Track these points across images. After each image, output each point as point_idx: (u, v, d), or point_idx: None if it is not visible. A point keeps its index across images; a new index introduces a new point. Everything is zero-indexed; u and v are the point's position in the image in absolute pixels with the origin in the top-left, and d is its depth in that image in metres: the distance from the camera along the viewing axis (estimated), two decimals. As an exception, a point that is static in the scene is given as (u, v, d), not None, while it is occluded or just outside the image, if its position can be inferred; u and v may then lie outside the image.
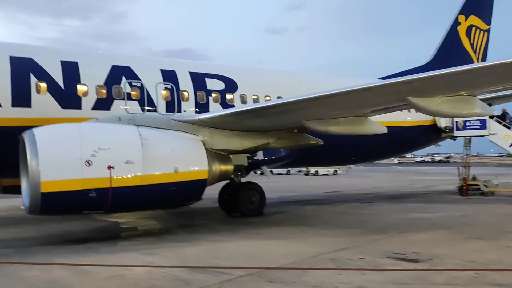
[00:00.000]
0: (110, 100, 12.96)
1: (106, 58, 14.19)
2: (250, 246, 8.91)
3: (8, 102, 11.65)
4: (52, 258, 7.95)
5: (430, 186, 26.67)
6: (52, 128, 9.58)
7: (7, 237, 10.70)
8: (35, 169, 8.66)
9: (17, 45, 13.53)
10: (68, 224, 12.43)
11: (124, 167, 9.33)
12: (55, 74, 12.39)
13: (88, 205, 9.25)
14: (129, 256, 8.12)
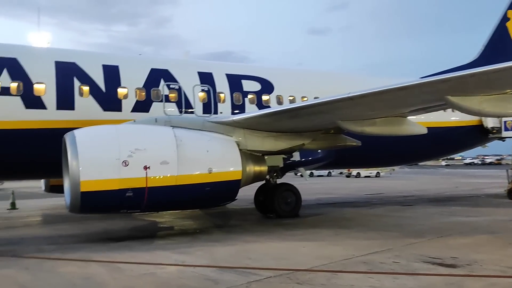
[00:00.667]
0: (149, 102, 13.31)
1: (145, 61, 14.58)
2: (283, 247, 8.87)
3: (53, 105, 12.20)
4: (90, 255, 8.23)
5: (477, 189, 25.57)
6: (91, 130, 9.96)
7: (52, 234, 11.20)
8: (75, 169, 9.02)
9: (61, 50, 14.16)
10: (110, 223, 12.85)
11: (160, 167, 9.55)
12: (97, 78, 12.86)
13: (125, 204, 9.52)
14: (163, 254, 8.29)
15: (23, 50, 13.06)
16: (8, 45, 13.19)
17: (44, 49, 13.83)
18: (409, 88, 9.13)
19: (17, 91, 11.83)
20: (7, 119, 11.66)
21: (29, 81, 12.04)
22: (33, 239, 10.42)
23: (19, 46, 13.48)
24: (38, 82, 12.13)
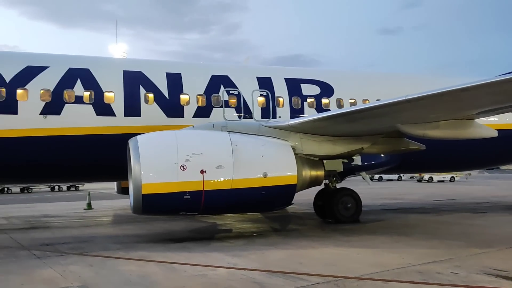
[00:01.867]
0: (209, 108, 13.73)
1: (207, 68, 15.03)
2: (336, 253, 8.74)
3: (121, 112, 12.98)
4: (149, 255, 8.65)
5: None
6: (152, 135, 10.47)
7: (119, 234, 11.90)
8: (137, 172, 9.54)
9: (129, 60, 15.08)
10: (173, 224, 13.41)
11: (216, 171, 9.82)
12: (161, 85, 13.50)
13: (184, 207, 9.88)
14: (217, 256, 8.50)
15: (94, 61, 14.03)
16: (82, 56, 14.27)
17: (114, 59, 14.80)
18: (472, 89, 8.60)
19: (89, 99, 12.73)
20: (80, 126, 12.58)
21: (100, 90, 12.93)
22: (101, 238, 11.14)
23: (91, 57, 14.50)
24: (108, 91, 12.98)
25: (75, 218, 16.14)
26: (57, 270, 7.47)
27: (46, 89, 12.44)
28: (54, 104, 12.41)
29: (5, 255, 8.87)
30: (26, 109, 12.22)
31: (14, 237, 11.28)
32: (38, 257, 8.66)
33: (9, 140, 11.98)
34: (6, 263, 8.11)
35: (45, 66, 12.80)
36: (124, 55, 60.39)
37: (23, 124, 12.14)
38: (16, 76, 12.38)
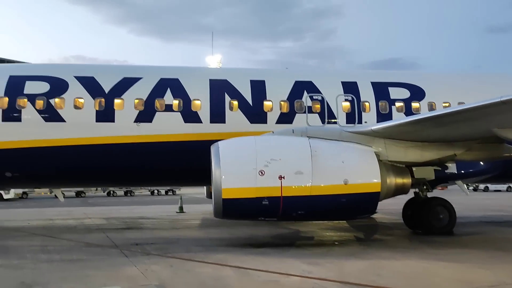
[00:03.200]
0: (292, 114, 13.69)
1: (290, 74, 15.04)
2: (420, 266, 8.12)
3: (207, 119, 13.48)
4: (227, 259, 8.79)
5: None
6: (233, 141, 10.68)
7: (203, 237, 12.32)
8: (217, 177, 9.79)
9: (215, 69, 15.59)
10: (256, 229, 13.52)
11: (294, 177, 9.71)
12: (245, 93, 13.77)
13: (262, 212, 9.91)
14: (293, 263, 8.38)
15: (184, 71, 14.76)
16: (172, 67, 15.09)
17: (201, 69, 15.43)
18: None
19: (178, 107, 13.40)
20: (170, 133, 13.29)
21: (188, 98, 13.54)
22: (186, 240, 11.59)
23: (181, 67, 15.27)
24: (195, 99, 13.56)
25: (167, 220, 17.03)
26: (140, 268, 7.90)
27: (140, 98, 13.33)
28: (146, 113, 13.25)
29: (98, 253, 9.63)
30: (122, 117, 13.22)
31: (109, 236, 12.19)
32: (126, 255, 9.25)
33: (107, 146, 13.03)
34: (97, 260, 8.78)
35: (139, 77, 13.75)
36: (219, 65, 62.98)
37: (120, 131, 13.13)
38: (114, 87, 13.44)
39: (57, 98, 13.10)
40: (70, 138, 13.01)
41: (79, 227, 14.86)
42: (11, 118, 12.92)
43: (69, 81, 13.40)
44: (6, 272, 7.75)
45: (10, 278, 7.21)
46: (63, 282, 6.93)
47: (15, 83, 13.27)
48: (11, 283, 6.88)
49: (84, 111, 13.13)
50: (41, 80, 13.43)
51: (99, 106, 13.15)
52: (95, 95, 13.25)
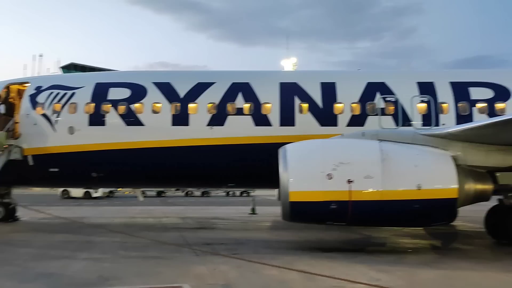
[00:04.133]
0: (364, 116, 13.38)
1: (362, 76, 14.72)
2: (503, 280, 7.53)
3: (277, 122, 13.59)
4: (294, 262, 8.76)
5: None
6: (301, 144, 10.65)
7: (272, 239, 12.40)
8: (285, 180, 9.83)
9: (286, 72, 15.76)
10: (326, 233, 13.34)
11: (363, 181, 9.46)
12: (315, 95, 13.69)
13: (330, 216, 9.77)
14: (361, 270, 8.17)
15: (254, 75, 15.01)
16: (244, 71, 15.42)
17: (272, 73, 15.55)
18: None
19: (249, 111, 13.66)
20: (240, 136, 13.58)
21: (258, 102, 13.75)
22: (255, 242, 11.75)
23: (252, 72, 15.54)
24: (265, 102, 13.73)
25: (238, 221, 17.38)
26: (209, 268, 8.16)
27: (213, 102, 13.77)
28: (218, 116, 13.67)
29: (172, 250, 10.07)
30: (196, 121, 13.74)
31: (183, 235, 12.70)
32: (197, 254, 9.60)
33: (182, 149, 13.61)
34: (170, 258, 9.20)
35: (212, 82, 14.22)
36: (294, 67, 63.09)
37: (194, 134, 13.67)
38: (189, 92, 14.03)
39: (137, 103, 13.94)
40: (149, 141, 13.78)
41: (157, 225, 15.64)
42: (97, 122, 13.98)
43: (148, 87, 14.20)
44: (89, 265, 8.38)
45: (91, 271, 7.80)
46: (137, 277, 7.37)
47: (100, 90, 14.34)
48: (92, 276, 7.44)
49: (161, 115, 13.84)
50: (123, 87, 14.38)
51: (175, 110, 13.79)
52: (171, 100, 13.91)
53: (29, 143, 14.19)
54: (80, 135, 13.96)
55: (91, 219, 17.19)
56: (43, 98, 14.36)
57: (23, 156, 14.17)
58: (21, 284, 6.95)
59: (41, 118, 14.17)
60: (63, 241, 11.35)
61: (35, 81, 15.36)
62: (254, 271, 7.98)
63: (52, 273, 7.71)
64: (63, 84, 14.84)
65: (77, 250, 10.02)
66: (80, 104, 14.11)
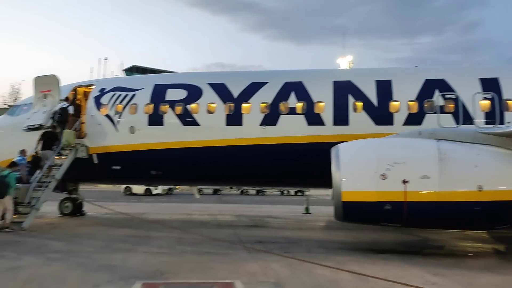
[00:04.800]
0: (421, 114, 12.98)
1: (420, 72, 14.24)
2: None
3: (330, 121, 13.48)
4: (346, 263, 8.67)
5: None
6: (354, 143, 10.49)
7: (325, 239, 12.32)
8: (337, 180, 9.75)
9: (339, 71, 15.54)
10: (381, 234, 13.07)
11: (419, 182, 9.19)
12: (370, 93, 13.43)
13: (384, 217, 9.58)
14: (416, 273, 7.94)
15: (307, 74, 14.97)
16: (297, 71, 15.43)
17: (325, 71, 15.42)
18: None
19: (302, 110, 13.65)
20: (293, 135, 13.61)
21: (311, 101, 13.71)
22: (307, 241, 11.72)
23: (305, 70, 15.50)
24: (318, 101, 13.66)
25: (292, 220, 17.40)
26: (261, 265, 8.28)
27: (266, 102, 13.90)
28: (271, 116, 13.78)
29: (225, 247, 10.30)
30: (249, 120, 13.93)
31: (237, 233, 12.93)
32: (249, 252, 9.74)
33: (236, 148, 13.86)
34: (224, 254, 9.42)
35: (265, 82, 14.35)
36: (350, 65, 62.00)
37: (247, 133, 13.87)
38: (242, 92, 14.25)
39: (193, 104, 14.37)
40: (204, 140, 14.16)
41: (212, 222, 16.02)
42: (155, 122, 14.56)
43: (203, 88, 14.59)
44: (147, 259, 8.78)
45: (149, 265, 8.17)
46: (191, 272, 7.63)
47: (158, 91, 14.92)
48: (148, 270, 7.80)
49: (216, 115, 14.17)
50: (179, 88, 14.88)
51: (228, 110, 14.07)
52: (225, 100, 14.20)
53: (94, 142, 15.07)
54: (140, 135, 14.62)
55: (150, 215, 17.90)
56: (107, 100, 15.18)
57: (88, 154, 15.06)
58: (86, 274, 7.42)
59: (104, 119, 15.00)
60: (124, 235, 11.93)
61: (99, 84, 16.28)
62: (306, 270, 8.00)
63: (113, 265, 8.16)
64: (124, 86, 15.61)
65: (137, 244, 10.51)
66: (140, 105, 14.77)
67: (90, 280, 6.95)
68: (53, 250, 9.63)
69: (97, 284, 6.73)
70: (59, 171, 14.04)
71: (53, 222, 14.80)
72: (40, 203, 13.31)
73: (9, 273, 7.40)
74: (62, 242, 10.64)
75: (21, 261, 8.34)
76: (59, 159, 14.48)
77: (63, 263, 8.32)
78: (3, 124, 16.68)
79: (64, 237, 11.52)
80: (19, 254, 9.05)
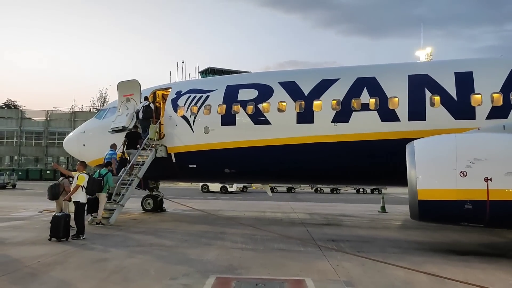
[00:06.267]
0: (507, 107, 12.11)
1: (505, 62, 13.23)
2: None
3: (405, 116, 13.00)
4: (423, 264, 8.36)
5: None
6: (430, 139, 10.06)
7: (400, 238, 11.93)
8: (412, 178, 9.41)
9: (415, 64, 14.83)
10: (462, 235, 12.44)
11: (504, 179, 8.63)
12: (449, 86, 12.76)
13: (464, 217, 9.08)
14: (499, 276, 7.49)
15: (381, 68, 14.53)
16: (369, 66, 15.02)
17: (400, 65, 14.79)
18: None
19: (375, 106, 13.31)
20: (366, 132, 13.31)
21: (385, 96, 13.32)
22: (382, 240, 11.43)
23: (378, 65, 15.04)
24: (392, 97, 13.24)
25: (366, 219, 17.00)
26: (332, 263, 8.24)
27: (337, 99, 13.74)
28: (343, 113, 13.59)
29: (297, 245, 10.36)
30: (320, 118, 13.85)
31: (309, 231, 12.93)
32: (321, 250, 9.72)
33: (307, 146, 13.84)
34: (295, 252, 9.50)
35: (336, 78, 14.17)
36: (429, 58, 59.10)
37: (318, 131, 13.80)
38: (313, 90, 14.19)
39: (264, 103, 14.58)
40: (275, 139, 14.31)
41: (285, 220, 16.14)
42: (228, 122, 14.98)
43: (274, 87, 14.74)
44: (221, 254, 9.10)
45: (223, 260, 8.47)
46: (262, 268, 7.79)
47: (230, 91, 15.33)
48: (223, 264, 8.10)
49: (286, 113, 14.26)
50: (251, 88, 15.16)
51: (299, 108, 14.10)
52: (296, 98, 14.24)
53: (172, 142, 15.85)
54: (214, 135, 15.12)
55: (225, 212, 18.44)
56: (183, 102, 15.90)
57: (167, 154, 15.88)
58: (165, 266, 7.87)
59: (181, 120, 15.72)
60: (201, 231, 12.45)
61: (176, 86, 17.07)
62: (379, 270, 7.84)
63: (191, 259, 8.57)
64: (199, 88, 16.24)
65: (212, 240, 10.92)
66: (213, 106, 15.28)
67: (169, 272, 7.37)
68: (136, 243, 10.31)
69: (175, 276, 7.12)
70: (141, 170, 14.96)
71: (136, 217, 15.77)
72: (125, 200, 14.28)
73: (98, 264, 8.06)
74: (145, 237, 11.35)
75: (108, 253, 9.04)
76: (140, 159, 15.42)
77: (146, 256, 8.87)
78: (91, 126, 18.11)
79: (147, 231, 12.26)
80: (106, 247, 9.81)
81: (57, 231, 10.42)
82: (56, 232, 10.41)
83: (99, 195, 13.18)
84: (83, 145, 17.82)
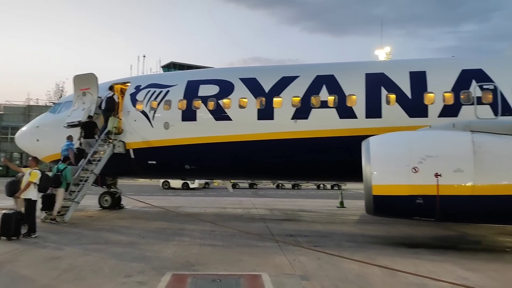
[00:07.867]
0: (457, 106, 12.58)
1: (456, 63, 13.79)
2: None
3: (363, 114, 13.29)
4: (376, 257, 8.62)
5: None
6: (384, 136, 10.36)
7: (357, 233, 12.22)
8: (367, 174, 9.67)
9: (371, 63, 15.20)
10: (415, 229, 12.88)
11: (452, 175, 9.00)
12: (403, 85, 13.14)
13: (416, 211, 9.43)
14: (448, 268, 7.80)
15: (339, 66, 14.81)
16: (328, 64, 15.28)
17: (357, 63, 15.14)
18: None
19: (333, 103, 13.54)
20: (325, 128, 13.52)
21: (343, 94, 13.57)
22: (338, 235, 11.68)
23: (336, 63, 15.35)
24: (350, 94, 13.51)
25: (325, 214, 17.32)
26: (289, 258, 8.35)
27: (297, 96, 13.88)
28: (303, 109, 13.74)
29: (255, 240, 10.43)
30: (281, 114, 13.95)
31: (269, 226, 13.04)
32: (279, 245, 9.83)
33: (267, 142, 13.93)
34: (253, 247, 9.56)
35: (296, 76, 14.31)
36: (388, 57, 60.56)
37: (278, 128, 13.90)
38: (273, 86, 14.27)
39: (225, 99, 14.54)
40: (236, 135, 14.30)
41: (245, 215, 16.20)
42: (189, 118, 14.84)
43: (235, 83, 14.72)
44: (179, 251, 9.02)
45: (180, 257, 8.41)
46: (220, 264, 7.80)
47: (191, 87, 15.18)
48: (180, 261, 8.04)
49: (247, 110, 14.28)
50: (212, 84, 15.07)
51: (260, 105, 14.14)
52: (256, 95, 14.28)
53: (130, 138, 15.54)
54: (174, 130, 14.94)
55: (185, 209, 18.28)
56: (142, 96, 15.60)
57: (125, 150, 15.56)
58: (120, 264, 7.72)
59: (140, 115, 15.43)
60: (159, 228, 12.28)
61: (135, 81, 16.73)
62: (334, 264, 8.00)
63: (147, 256, 8.45)
64: (159, 82, 15.98)
65: (170, 236, 10.81)
66: (174, 101, 15.08)
67: (124, 270, 7.24)
68: (91, 241, 10.06)
69: (130, 274, 7.01)
70: (98, 166, 14.60)
71: (93, 215, 15.39)
72: (80, 197, 13.90)
73: (50, 263, 7.81)
74: (101, 234, 11.11)
75: (61, 252, 8.78)
76: (97, 156, 15.04)
77: (100, 253, 8.67)
78: (46, 121, 17.48)
79: (103, 229, 12.00)
80: (59, 245, 9.53)
81: (7, 229, 10.02)
82: (6, 230, 10.01)
83: (57, 190, 12.77)
84: (37, 140, 17.17)
